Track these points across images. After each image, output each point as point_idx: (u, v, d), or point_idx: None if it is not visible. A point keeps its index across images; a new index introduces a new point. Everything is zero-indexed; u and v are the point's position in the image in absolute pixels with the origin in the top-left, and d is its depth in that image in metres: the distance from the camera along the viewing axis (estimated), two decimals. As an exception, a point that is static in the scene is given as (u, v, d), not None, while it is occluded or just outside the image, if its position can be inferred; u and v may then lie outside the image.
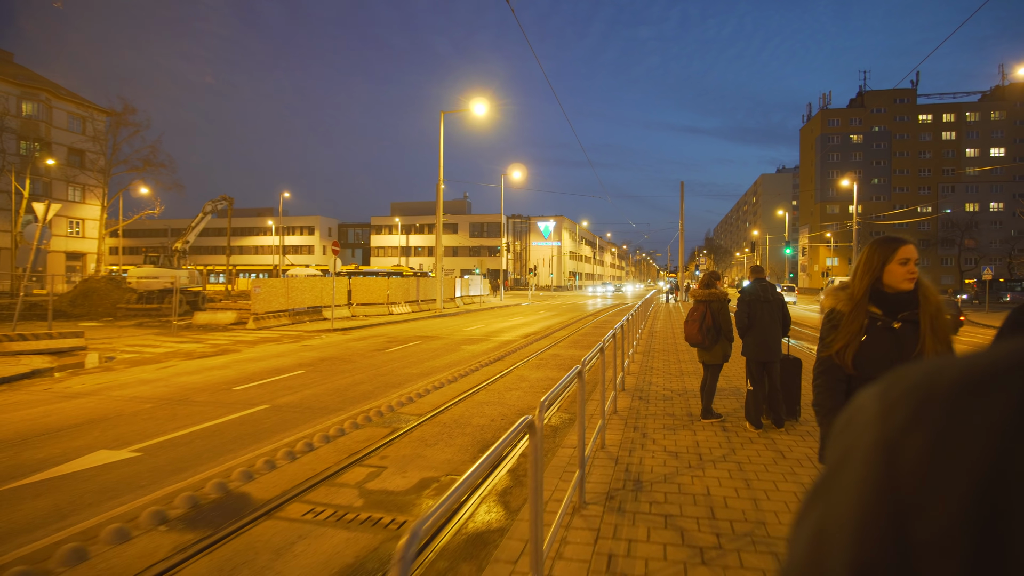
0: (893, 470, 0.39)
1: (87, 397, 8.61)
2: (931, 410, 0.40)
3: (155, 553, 3.70)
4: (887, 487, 0.39)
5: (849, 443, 0.43)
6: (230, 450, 5.93)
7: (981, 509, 0.35)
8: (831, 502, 0.42)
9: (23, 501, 4.58)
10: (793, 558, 0.44)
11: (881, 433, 0.41)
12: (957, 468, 0.37)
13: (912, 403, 0.41)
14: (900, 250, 2.39)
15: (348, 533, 4.00)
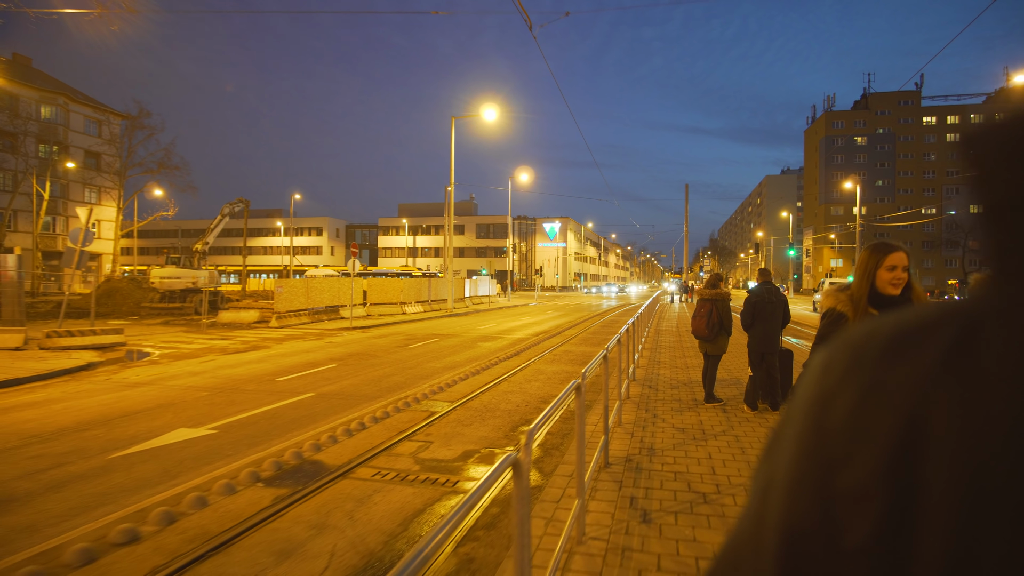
0: (824, 424, 0.41)
1: (147, 386, 9.51)
2: (862, 364, 0.42)
3: (260, 502, 4.57)
4: (817, 441, 0.41)
5: (794, 402, 0.46)
6: (292, 429, 6.81)
7: (899, 457, 0.37)
8: (774, 458, 0.45)
9: (135, 466, 5.46)
10: (742, 515, 0.47)
11: (818, 389, 0.43)
12: (879, 418, 0.39)
13: (847, 359, 0.43)
14: (889, 256, 2.50)
15: (412, 489, 4.87)
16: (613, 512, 3.85)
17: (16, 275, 14.80)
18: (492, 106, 29.76)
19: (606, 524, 3.67)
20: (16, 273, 14.83)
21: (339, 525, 4.13)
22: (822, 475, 0.40)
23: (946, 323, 0.41)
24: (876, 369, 0.41)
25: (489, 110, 29.62)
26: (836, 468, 0.40)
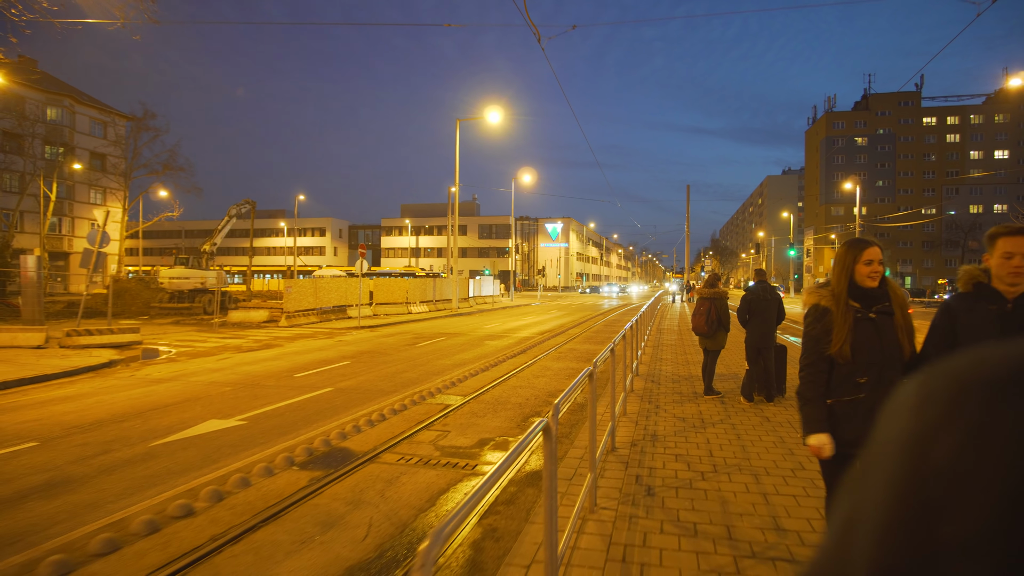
0: (923, 466, 0.37)
1: (171, 382, 9.95)
2: (967, 404, 0.37)
3: (298, 482, 5.01)
4: (916, 484, 0.37)
5: (885, 435, 0.41)
6: (317, 420, 7.24)
7: (1013, 513, 0.33)
8: (862, 494, 0.41)
9: (176, 452, 5.90)
10: (824, 545, 0.44)
11: (915, 426, 0.39)
12: (990, 467, 0.35)
13: (949, 396, 0.39)
14: (865, 251, 2.68)
15: (435, 471, 5.30)
16: (621, 487, 4.29)
17: (36, 276, 15.26)
18: (496, 108, 30.20)
19: (614, 497, 4.11)
20: (36, 274, 15.29)
21: (372, 501, 4.56)
22: (921, 524, 0.37)
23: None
24: (989, 404, 0.37)
25: (493, 112, 30.04)
26: (938, 517, 0.36)
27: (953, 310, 2.62)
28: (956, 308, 2.62)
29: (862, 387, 2.62)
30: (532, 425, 2.31)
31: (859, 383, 2.64)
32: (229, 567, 3.53)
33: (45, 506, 4.48)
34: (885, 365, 2.62)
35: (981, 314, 2.55)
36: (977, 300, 2.57)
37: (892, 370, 2.63)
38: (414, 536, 3.95)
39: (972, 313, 2.57)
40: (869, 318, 2.66)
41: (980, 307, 2.55)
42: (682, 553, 3.28)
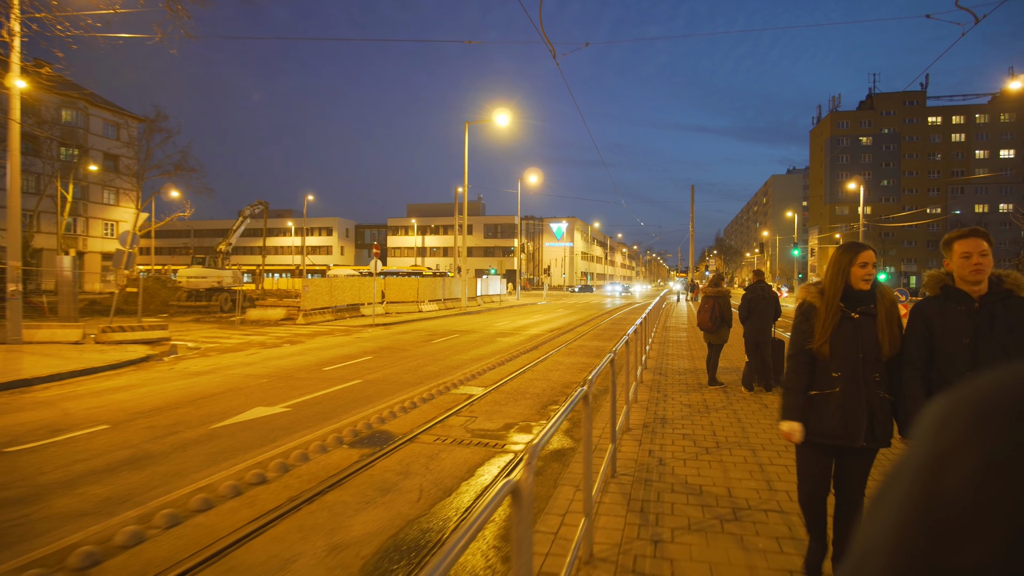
0: (939, 489, 0.36)
1: (209, 375, 10.66)
2: (989, 427, 0.36)
3: (351, 457, 5.70)
4: (930, 506, 0.36)
5: (906, 454, 0.40)
6: (354, 407, 7.94)
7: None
8: (878, 515, 0.40)
9: (235, 434, 6.60)
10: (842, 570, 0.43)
11: (934, 447, 0.38)
12: (1009, 494, 0.33)
13: (971, 417, 0.37)
14: (861, 254, 2.82)
15: (469, 450, 5.99)
16: (636, 458, 4.97)
17: (72, 275, 16.02)
18: (504, 111, 30.86)
19: (631, 466, 4.79)
20: (72, 274, 16.05)
21: (419, 472, 5.25)
22: (933, 551, 0.35)
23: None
24: (1010, 429, 0.35)
25: (501, 115, 30.72)
26: (952, 545, 0.34)
27: (926, 313, 2.81)
28: (928, 311, 2.81)
29: (836, 381, 2.82)
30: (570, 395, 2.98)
31: (833, 377, 2.83)
32: (311, 520, 4.23)
33: (138, 475, 5.19)
34: (860, 363, 2.80)
35: (952, 315, 2.75)
36: (946, 302, 2.77)
37: (867, 367, 2.80)
38: (460, 499, 4.64)
39: (944, 315, 2.76)
40: (851, 318, 2.84)
41: (950, 308, 2.74)
42: (690, 506, 3.96)
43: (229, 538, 3.89)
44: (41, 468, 5.36)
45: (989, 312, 2.69)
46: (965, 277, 2.68)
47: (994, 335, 2.67)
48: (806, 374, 2.91)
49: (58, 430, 6.72)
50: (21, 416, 7.42)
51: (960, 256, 2.69)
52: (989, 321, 2.69)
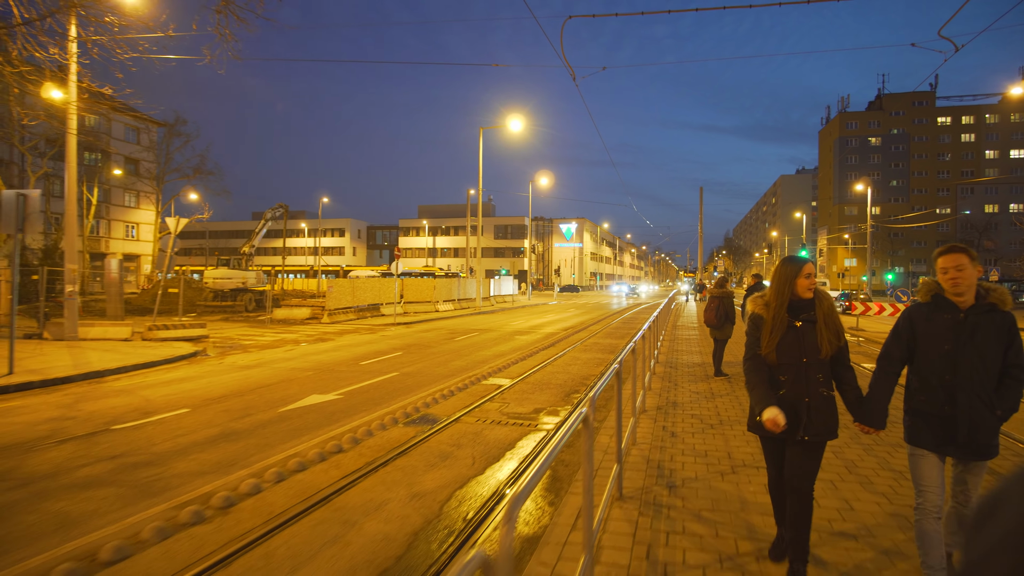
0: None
1: (258, 368, 11.70)
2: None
3: (407, 433, 6.69)
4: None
5: (985, 551, 0.37)
6: (398, 395, 8.93)
7: None
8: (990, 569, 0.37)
9: (302, 416, 7.61)
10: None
11: None
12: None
13: (1010, 561, 0.35)
14: (805, 267, 3.14)
15: (507, 428, 6.97)
16: (652, 431, 5.94)
17: (118, 277, 17.16)
18: (517, 116, 31.87)
19: (647, 441, 5.75)
20: (118, 275, 17.19)
21: (469, 444, 6.24)
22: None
23: None
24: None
25: (515, 121, 31.72)
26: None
27: (913, 318, 3.05)
28: (916, 316, 3.05)
29: (783, 384, 3.10)
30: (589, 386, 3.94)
31: (780, 380, 3.12)
32: (389, 477, 5.22)
33: (233, 446, 6.21)
34: (803, 366, 3.08)
35: (938, 322, 2.97)
36: (935, 310, 2.99)
37: (811, 370, 3.08)
38: (506, 464, 5.63)
39: (930, 321, 2.99)
40: (794, 326, 3.12)
41: (937, 316, 2.97)
42: (698, 464, 4.93)
43: (328, 489, 4.89)
44: (151, 441, 6.39)
45: (972, 323, 2.91)
46: (947, 289, 2.93)
47: (974, 345, 2.89)
48: (764, 370, 3.16)
49: (148, 413, 7.76)
50: (110, 402, 8.48)
51: (940, 271, 2.95)
52: (971, 332, 2.90)
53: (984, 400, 2.90)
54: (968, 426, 2.89)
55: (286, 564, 3.64)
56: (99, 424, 7.12)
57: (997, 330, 2.89)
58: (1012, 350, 2.90)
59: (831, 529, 3.81)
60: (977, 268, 2.93)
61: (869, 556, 3.46)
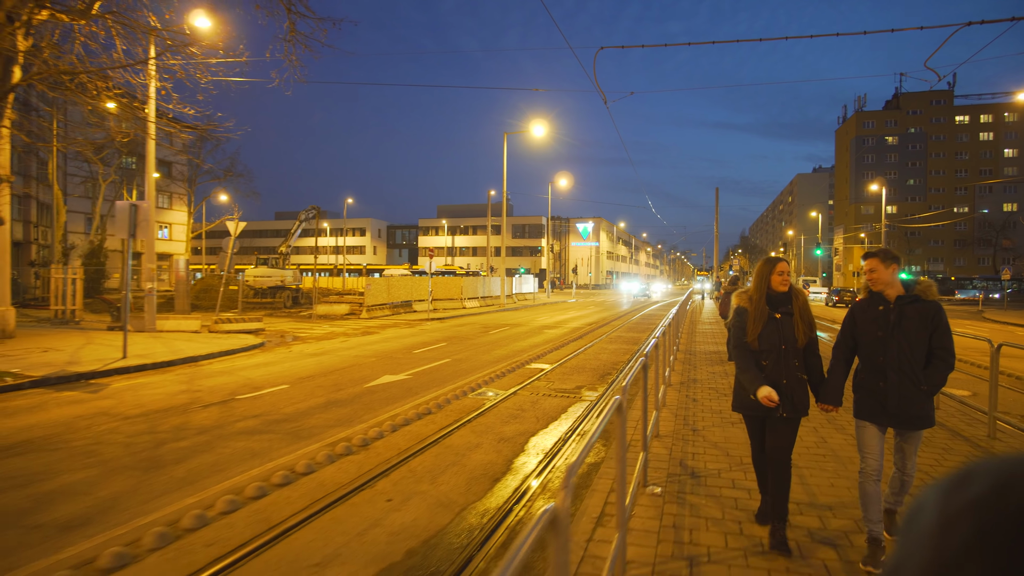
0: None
1: (325, 355, 13.36)
2: (995, 538, 0.34)
3: (479, 402, 8.26)
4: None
5: (905, 552, 0.39)
6: (457, 376, 10.52)
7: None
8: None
9: (384, 390, 9.23)
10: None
11: (936, 554, 0.36)
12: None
13: (975, 524, 0.35)
14: (778, 265, 3.65)
15: (557, 399, 8.53)
16: (677, 400, 7.47)
17: (185, 275, 18.98)
18: (540, 122, 33.37)
19: (674, 407, 7.28)
20: (185, 274, 19.01)
21: (530, 409, 7.82)
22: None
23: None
24: (1016, 545, 0.33)
25: (538, 127, 33.24)
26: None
27: (855, 312, 3.61)
28: (856, 310, 3.60)
29: (764, 368, 3.61)
30: (619, 371, 5.48)
31: (763, 365, 3.63)
32: (477, 428, 6.81)
33: (342, 410, 7.83)
34: (782, 352, 3.59)
35: (872, 314, 3.49)
36: (870, 304, 3.54)
37: (788, 355, 3.59)
38: (563, 423, 7.19)
39: (866, 313, 3.52)
40: (774, 318, 3.62)
41: (871, 309, 3.50)
42: (714, 417, 6.46)
43: (434, 435, 6.49)
44: (275, 406, 8.04)
45: (899, 312, 3.42)
46: (872, 287, 3.51)
47: (901, 330, 3.39)
48: (751, 356, 3.68)
49: (256, 387, 9.42)
50: (218, 380, 10.16)
51: (864, 272, 3.63)
52: (897, 320, 3.41)
53: (911, 377, 3.38)
54: (897, 399, 3.39)
55: (426, 476, 5.24)
56: (224, 395, 8.80)
57: (921, 317, 3.38)
58: (937, 334, 3.39)
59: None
60: (891, 267, 3.44)
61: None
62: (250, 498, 4.66)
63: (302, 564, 3.63)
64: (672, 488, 4.63)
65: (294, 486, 4.96)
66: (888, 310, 3.44)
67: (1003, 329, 23.48)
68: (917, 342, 3.38)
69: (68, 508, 4.45)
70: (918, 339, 3.38)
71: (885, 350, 3.42)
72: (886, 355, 3.42)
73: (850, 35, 22.02)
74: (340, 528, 4.15)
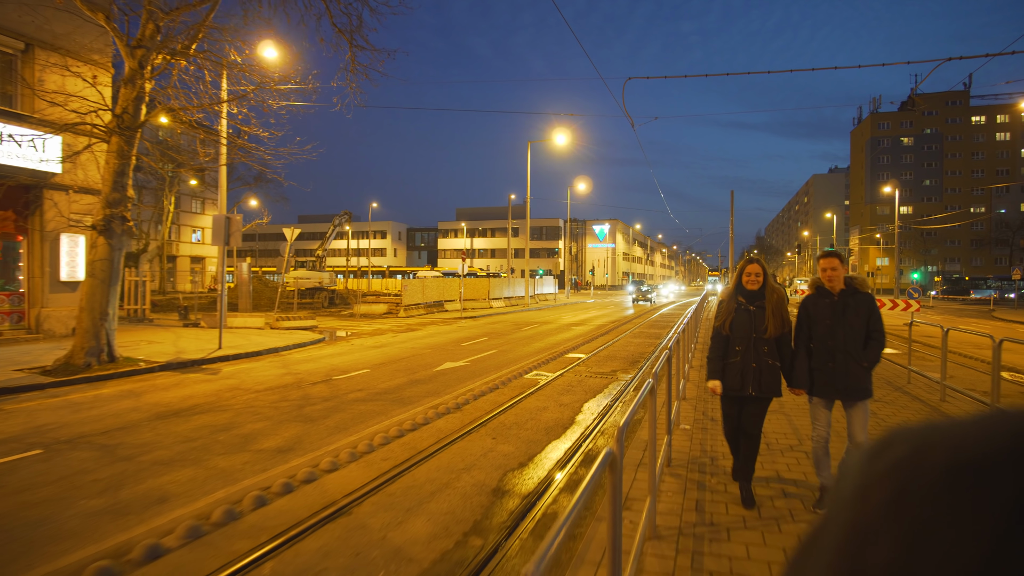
0: (859, 567, 0.34)
1: (387, 347, 15.24)
2: (912, 497, 0.35)
3: (533, 380, 10.06)
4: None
5: (828, 516, 0.39)
6: (506, 364, 12.32)
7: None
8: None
9: (450, 373, 11.06)
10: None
11: (856, 517, 0.37)
12: (938, 572, 0.31)
13: (893, 485, 0.36)
14: (747, 267, 4.24)
15: (597, 379, 10.31)
16: (698, 382, 9.21)
17: (247, 278, 21.03)
18: (563, 130, 35.13)
19: (694, 381, 9.02)
20: (247, 276, 21.06)
21: (578, 387, 9.61)
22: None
23: (1019, 455, 0.33)
24: (932, 505, 0.33)
25: (560, 135, 35.00)
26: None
27: (807, 305, 4.17)
28: (808, 303, 4.17)
29: (737, 353, 4.17)
30: (648, 359, 7.25)
31: (736, 350, 4.17)
32: (540, 397, 8.62)
33: (424, 387, 9.67)
34: (753, 340, 4.11)
35: (821, 305, 4.09)
36: (819, 297, 4.13)
37: (758, 344, 4.11)
38: (606, 396, 8.98)
39: (815, 305, 4.12)
40: (748, 309, 4.16)
41: (820, 301, 4.11)
42: (728, 390, 8.22)
43: (509, 402, 8.31)
44: (369, 384, 9.91)
45: (843, 303, 4.01)
46: (826, 282, 4.12)
47: (845, 318, 4.00)
48: (721, 349, 4.25)
49: (344, 371, 11.31)
50: (308, 366, 12.07)
51: (821, 269, 4.13)
52: (843, 309, 4.01)
53: (855, 357, 3.99)
54: (844, 376, 3.99)
55: (513, 426, 7.06)
56: (322, 376, 10.69)
57: (859, 306, 4.02)
58: (872, 320, 4.04)
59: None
60: (844, 267, 4.07)
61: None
62: (394, 437, 6.52)
63: (453, 469, 5.47)
64: (697, 430, 6.39)
65: (421, 430, 6.82)
66: (834, 302, 4.07)
67: (1006, 327, 24.85)
68: (858, 327, 4.00)
69: (270, 443, 6.33)
70: (859, 325, 4.00)
71: (834, 335, 4.02)
72: (835, 339, 4.02)
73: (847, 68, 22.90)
74: (467, 452, 5.99)
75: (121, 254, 11.42)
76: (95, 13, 11.37)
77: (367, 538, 4.01)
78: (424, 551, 3.84)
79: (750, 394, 4.13)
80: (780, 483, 4.79)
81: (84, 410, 7.89)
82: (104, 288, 11.05)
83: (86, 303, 10.91)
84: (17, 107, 14.53)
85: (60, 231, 15.20)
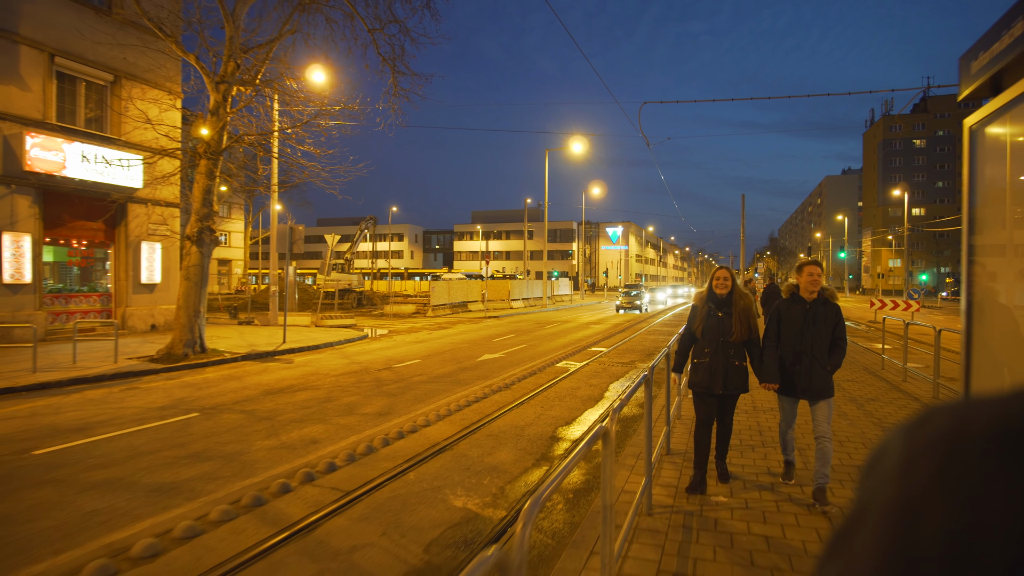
0: (913, 538, 0.34)
1: (427, 342, 17.07)
2: (960, 469, 0.35)
3: (564, 369, 11.83)
4: (905, 559, 0.34)
5: (869, 494, 0.39)
6: (536, 356, 14.08)
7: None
8: (845, 565, 0.38)
9: (490, 363, 12.84)
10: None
11: (901, 491, 0.36)
12: (989, 541, 0.31)
13: (940, 454, 0.36)
14: (717, 272, 4.68)
15: (619, 367, 12.05)
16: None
17: (294, 280, 23.00)
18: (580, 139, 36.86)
19: (703, 367, 10.74)
20: (294, 278, 23.03)
21: (603, 373, 11.37)
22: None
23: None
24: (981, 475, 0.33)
25: (576, 143, 36.73)
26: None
27: (779, 309, 4.50)
28: (781, 307, 4.49)
29: (707, 354, 4.58)
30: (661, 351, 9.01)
31: (705, 352, 4.58)
32: (572, 380, 10.39)
33: (473, 372, 11.46)
34: (721, 343, 4.52)
35: (793, 311, 4.39)
36: (792, 303, 4.43)
37: (726, 346, 4.50)
38: (627, 381, 10.72)
39: (789, 311, 4.43)
40: (717, 315, 4.57)
41: (793, 307, 4.42)
42: (729, 374, 9.94)
43: (547, 383, 10.08)
44: (426, 370, 11.72)
45: (814, 312, 4.33)
46: (804, 287, 4.40)
47: (815, 325, 4.32)
48: (687, 347, 4.78)
49: (399, 361, 13.13)
50: (367, 357, 13.91)
51: (804, 276, 4.42)
52: (813, 317, 4.33)
53: (820, 361, 4.30)
54: (809, 377, 4.32)
55: (555, 399, 8.84)
56: (382, 365, 12.53)
57: (828, 315, 4.35)
58: (838, 328, 4.36)
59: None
60: (823, 275, 4.42)
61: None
62: (464, 406, 8.33)
63: (517, 425, 7.26)
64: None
65: (483, 402, 8.63)
66: (806, 310, 4.38)
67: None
68: (825, 334, 4.34)
69: (369, 409, 8.16)
70: (826, 332, 4.34)
71: (802, 339, 4.35)
72: (803, 343, 4.34)
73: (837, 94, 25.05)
74: (524, 415, 7.79)
75: (209, 260, 13.35)
76: (187, 55, 13.34)
77: (469, 461, 5.82)
78: (512, 467, 5.65)
79: (718, 392, 4.55)
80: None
81: (204, 388, 9.79)
82: (197, 290, 13.00)
83: (183, 302, 12.86)
84: (107, 131, 16.58)
85: (141, 239, 17.24)
